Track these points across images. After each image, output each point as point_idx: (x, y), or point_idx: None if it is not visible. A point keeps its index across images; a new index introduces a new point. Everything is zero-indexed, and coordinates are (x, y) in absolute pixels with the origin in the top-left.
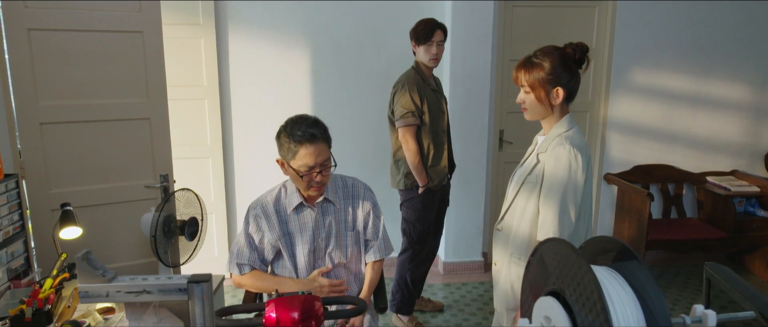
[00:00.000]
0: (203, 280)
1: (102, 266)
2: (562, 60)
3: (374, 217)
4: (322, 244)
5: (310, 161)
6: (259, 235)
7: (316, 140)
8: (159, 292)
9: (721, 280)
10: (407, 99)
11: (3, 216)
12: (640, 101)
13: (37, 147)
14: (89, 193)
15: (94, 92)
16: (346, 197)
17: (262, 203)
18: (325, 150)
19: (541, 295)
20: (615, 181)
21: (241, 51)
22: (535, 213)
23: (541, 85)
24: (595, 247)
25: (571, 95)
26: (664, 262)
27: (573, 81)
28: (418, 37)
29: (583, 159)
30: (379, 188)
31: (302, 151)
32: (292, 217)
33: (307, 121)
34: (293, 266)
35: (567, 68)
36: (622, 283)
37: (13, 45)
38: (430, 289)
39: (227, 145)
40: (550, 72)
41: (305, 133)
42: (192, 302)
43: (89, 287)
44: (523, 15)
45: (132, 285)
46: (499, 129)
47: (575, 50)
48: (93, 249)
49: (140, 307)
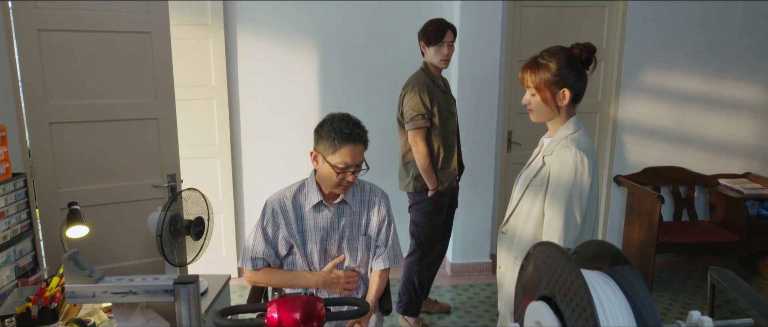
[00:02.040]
0: (190, 282)
1: (89, 266)
2: (568, 61)
3: (387, 224)
4: (334, 245)
5: (349, 160)
6: (274, 229)
7: (359, 141)
8: (145, 293)
9: (725, 285)
10: (417, 101)
11: (11, 214)
12: (651, 102)
13: (46, 146)
14: (97, 192)
15: (102, 92)
16: (362, 201)
17: (280, 198)
18: (362, 152)
19: (534, 299)
20: (625, 183)
21: (249, 51)
22: (539, 216)
23: (547, 87)
24: (590, 252)
25: (578, 97)
26: (675, 266)
27: (579, 82)
28: (428, 38)
29: (590, 162)
30: (388, 190)
31: (345, 149)
32: (308, 214)
33: (353, 121)
34: (306, 264)
35: (573, 69)
36: (614, 288)
37: (23, 45)
38: (438, 290)
39: (235, 145)
40: (556, 73)
41: (353, 133)
42: (178, 303)
43: (76, 288)
44: (533, 15)
45: (118, 286)
46: (508, 130)
47: (582, 51)
48: (100, 248)
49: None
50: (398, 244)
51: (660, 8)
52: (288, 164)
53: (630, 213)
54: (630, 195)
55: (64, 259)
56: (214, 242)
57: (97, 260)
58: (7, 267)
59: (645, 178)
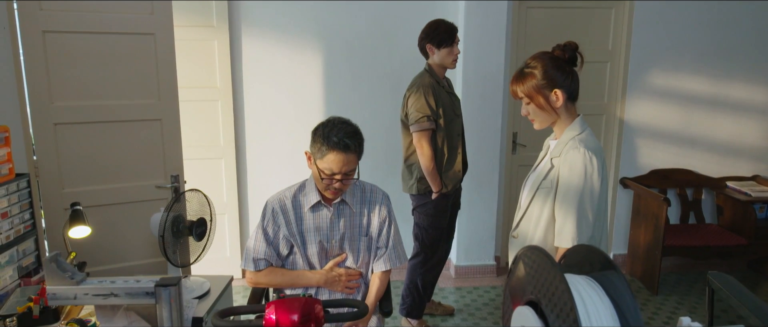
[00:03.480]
0: (171, 284)
1: (71, 268)
2: (552, 62)
3: (388, 225)
4: (336, 245)
5: (335, 168)
6: (274, 229)
7: (347, 151)
8: (126, 296)
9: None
10: (422, 103)
11: (14, 214)
12: (657, 104)
13: (51, 147)
14: (101, 192)
15: (106, 93)
16: (362, 202)
17: (280, 198)
18: (353, 161)
19: (521, 304)
20: (631, 186)
21: (254, 53)
22: (550, 218)
23: (538, 92)
24: (579, 257)
25: (572, 95)
26: (681, 269)
27: (569, 80)
28: (440, 40)
29: (599, 162)
30: (391, 192)
31: (331, 156)
32: (307, 214)
33: (347, 129)
34: (306, 264)
35: (559, 69)
36: (600, 293)
37: (29, 47)
38: (441, 292)
39: (240, 146)
40: (542, 77)
41: (340, 142)
42: (160, 306)
43: (57, 289)
44: (538, 16)
45: (99, 288)
46: (513, 131)
47: (564, 50)
48: (104, 248)
49: (111, 310)
50: (401, 245)
51: (667, 9)
52: (292, 165)
53: (636, 215)
54: (636, 197)
55: (46, 262)
56: (218, 243)
57: (101, 260)
58: (10, 267)
59: (651, 180)
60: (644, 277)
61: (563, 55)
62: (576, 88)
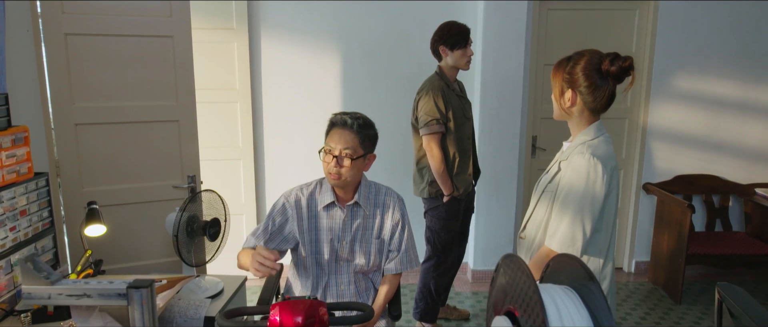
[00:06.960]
0: (143, 286)
1: (47, 268)
2: (587, 65)
3: (401, 228)
4: (346, 246)
5: (332, 143)
6: (282, 219)
7: (345, 126)
8: (99, 297)
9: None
10: (432, 106)
11: (33, 212)
12: (682, 108)
13: (71, 147)
14: (119, 191)
15: (126, 95)
16: (376, 204)
17: (296, 192)
18: (352, 140)
19: (500, 313)
20: (654, 191)
21: (273, 55)
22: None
23: (558, 84)
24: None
25: (591, 107)
26: (706, 278)
27: (591, 92)
28: (454, 41)
29: (605, 170)
30: (407, 195)
31: (331, 133)
32: (321, 214)
33: (353, 113)
34: (313, 261)
35: (588, 77)
36: (577, 303)
37: (51, 49)
38: (458, 296)
39: (258, 148)
40: (569, 71)
41: (341, 119)
42: (131, 307)
43: (32, 289)
44: (559, 17)
45: (73, 288)
46: (532, 135)
47: (612, 62)
48: (121, 246)
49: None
50: (413, 249)
51: (692, 9)
52: (310, 166)
53: (659, 222)
54: (659, 203)
55: (22, 262)
56: (234, 243)
57: (118, 259)
58: None
59: (676, 186)
60: (667, 285)
61: (609, 66)
62: (599, 104)
